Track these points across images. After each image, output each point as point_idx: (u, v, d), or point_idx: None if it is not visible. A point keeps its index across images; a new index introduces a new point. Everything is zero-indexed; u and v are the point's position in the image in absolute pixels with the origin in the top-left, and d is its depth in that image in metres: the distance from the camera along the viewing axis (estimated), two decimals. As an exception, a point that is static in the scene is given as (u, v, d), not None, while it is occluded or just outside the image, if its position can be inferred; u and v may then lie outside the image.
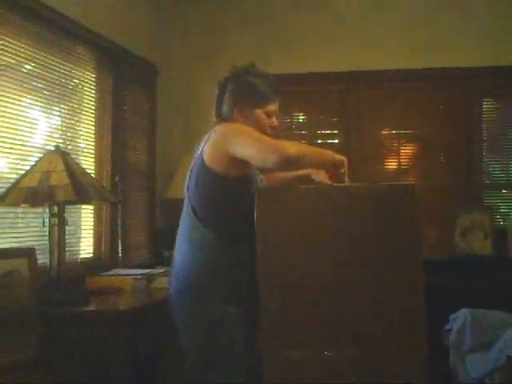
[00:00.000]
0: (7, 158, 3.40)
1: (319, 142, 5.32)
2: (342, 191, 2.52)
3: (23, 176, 3.21)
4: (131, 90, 4.67)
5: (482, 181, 5.12)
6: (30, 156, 3.52)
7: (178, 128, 5.31)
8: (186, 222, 2.68)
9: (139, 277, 3.88)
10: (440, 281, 4.30)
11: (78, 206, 3.92)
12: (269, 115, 2.73)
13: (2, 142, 3.31)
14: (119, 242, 4.41)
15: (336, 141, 5.30)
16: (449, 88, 5.09)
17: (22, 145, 3.49)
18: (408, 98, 5.15)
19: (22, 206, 3.26)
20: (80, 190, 3.15)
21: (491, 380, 3.01)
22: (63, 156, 3.27)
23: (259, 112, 2.70)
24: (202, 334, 2.56)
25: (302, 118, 5.51)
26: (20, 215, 3.53)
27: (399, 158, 5.23)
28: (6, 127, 3.34)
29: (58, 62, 3.81)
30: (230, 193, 2.55)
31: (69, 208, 3.50)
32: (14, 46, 3.40)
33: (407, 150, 5.27)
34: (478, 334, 3.52)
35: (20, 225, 3.54)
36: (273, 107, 2.74)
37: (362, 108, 5.20)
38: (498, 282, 4.38)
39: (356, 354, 2.39)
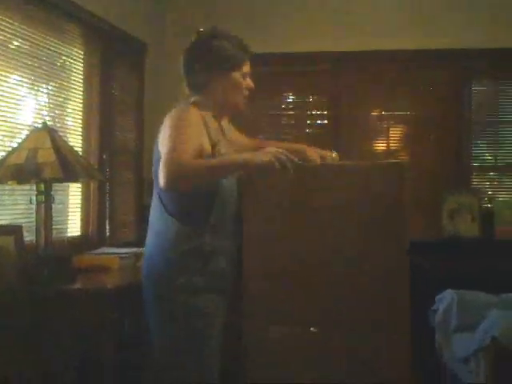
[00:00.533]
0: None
1: (308, 122, 5.32)
2: (328, 169, 2.52)
3: (10, 153, 3.18)
4: (120, 67, 4.63)
5: (470, 163, 5.13)
6: (18, 134, 3.49)
7: (167, 107, 5.27)
8: (153, 208, 2.57)
9: (126, 255, 3.87)
10: (427, 262, 4.33)
11: (66, 184, 3.90)
12: (244, 77, 2.59)
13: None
14: (107, 220, 4.40)
15: (325, 121, 5.30)
16: (438, 69, 5.10)
17: (9, 122, 3.46)
18: (397, 79, 5.15)
19: (9, 183, 3.23)
20: (67, 167, 3.12)
21: (476, 360, 3.04)
22: (50, 133, 3.24)
23: (236, 75, 2.55)
24: (162, 322, 2.49)
25: (291, 97, 5.49)
26: (7, 192, 3.50)
27: (388, 140, 5.24)
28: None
29: (45, 38, 3.77)
30: None
31: (56, 186, 3.48)
32: (1, 23, 3.36)
33: (396, 132, 5.27)
34: (463, 314, 3.54)
35: (7, 202, 3.52)
36: (246, 68, 2.59)
37: (352, 88, 5.19)
38: (484, 264, 4.41)
39: (341, 333, 2.40)
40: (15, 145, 3.29)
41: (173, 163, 2.24)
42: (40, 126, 3.34)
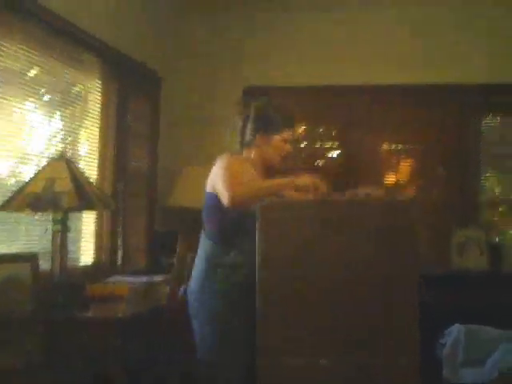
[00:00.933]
0: (7, 161, 3.45)
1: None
2: (343, 205, 2.59)
3: (28, 182, 3.26)
4: (135, 98, 4.74)
5: (478, 197, 5.18)
6: (31, 161, 3.57)
7: (181, 137, 5.38)
8: (200, 242, 3.08)
9: (139, 285, 3.93)
10: (436, 296, 4.36)
11: (80, 212, 3.97)
12: (284, 141, 3.10)
13: (3, 145, 3.36)
14: (119, 248, 4.46)
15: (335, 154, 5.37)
16: (447, 104, 5.16)
17: (22, 150, 3.55)
18: (408, 113, 5.21)
19: (26, 211, 3.30)
20: (84, 197, 3.20)
21: (483, 394, 3.08)
22: (68, 163, 3.32)
23: (277, 138, 3.09)
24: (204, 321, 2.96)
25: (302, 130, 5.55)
26: (23, 220, 3.57)
27: (397, 173, 5.29)
28: (8, 131, 3.40)
29: (63, 68, 3.87)
30: (221, 210, 2.89)
31: (70, 214, 3.55)
32: (21, 51, 3.45)
33: (405, 165, 5.33)
34: (471, 348, 3.57)
35: (22, 230, 3.59)
36: (287, 134, 3.11)
37: (362, 122, 5.26)
38: (492, 298, 4.44)
39: (352, 361, 2.45)
40: (28, 173, 3.36)
41: (236, 184, 2.82)
42: (57, 155, 3.42)
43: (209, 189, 3.02)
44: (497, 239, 5.07)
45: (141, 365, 3.68)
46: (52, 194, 3.16)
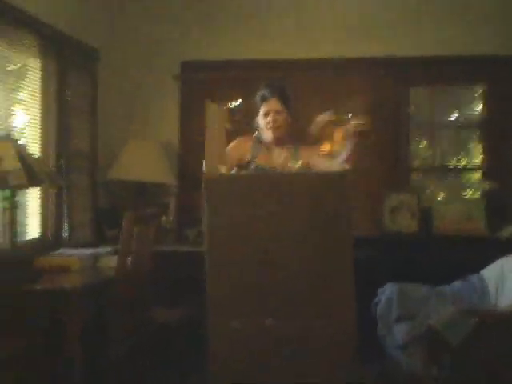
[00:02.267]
0: None
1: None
2: (279, 178, 2.77)
3: (-26, 162, 3.32)
4: (74, 74, 4.78)
5: (410, 163, 5.43)
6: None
7: (120, 112, 5.45)
8: None
9: (86, 256, 4.04)
10: (370, 257, 4.60)
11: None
12: (266, 114, 3.39)
13: None
14: (65, 222, 4.55)
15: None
16: (378, 76, 5.34)
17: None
18: (341, 83, 5.38)
19: (-27, 189, 3.37)
20: (31, 174, 3.29)
21: (414, 347, 3.29)
22: (14, 142, 3.40)
23: (260, 114, 3.42)
24: None
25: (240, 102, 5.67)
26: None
27: (332, 143, 5.45)
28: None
29: (1, 47, 3.90)
30: None
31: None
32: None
33: (339, 135, 5.49)
34: (403, 305, 3.79)
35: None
36: (267, 107, 3.41)
37: (297, 94, 5.38)
38: (422, 258, 4.69)
39: (293, 321, 2.65)
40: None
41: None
42: (3, 135, 3.49)
43: None
44: (426, 204, 5.30)
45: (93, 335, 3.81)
46: (0, 173, 3.23)
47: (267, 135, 3.49)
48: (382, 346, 3.90)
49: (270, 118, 3.43)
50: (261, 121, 3.49)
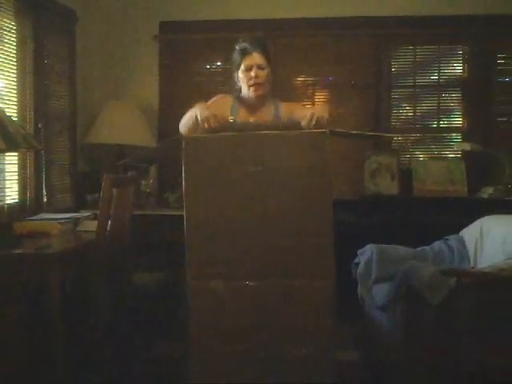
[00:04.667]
0: None
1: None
2: (258, 138, 2.75)
3: (-51, 125, 3.27)
4: (51, 36, 4.71)
5: (390, 124, 5.43)
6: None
7: (99, 74, 5.40)
8: None
9: (65, 220, 4.02)
10: (350, 219, 4.63)
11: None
12: (247, 69, 3.19)
13: None
14: (43, 187, 4.51)
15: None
16: (360, 36, 5.32)
17: None
18: (320, 46, 5.36)
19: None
20: (8, 138, 3.24)
21: (393, 307, 3.33)
22: (-10, 105, 3.34)
23: (241, 69, 3.22)
24: None
25: (218, 64, 5.61)
26: None
27: (313, 104, 5.45)
28: None
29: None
30: None
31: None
32: None
33: (320, 96, 5.50)
34: (382, 266, 3.83)
35: None
36: (248, 61, 3.19)
37: (277, 55, 5.36)
38: (403, 220, 4.72)
39: (274, 283, 2.67)
40: None
41: None
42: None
43: None
44: (407, 165, 5.32)
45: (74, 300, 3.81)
46: (-24, 136, 3.19)
47: (248, 92, 3.26)
48: (362, 307, 3.94)
49: (252, 74, 3.19)
50: (241, 76, 3.24)
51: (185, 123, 3.13)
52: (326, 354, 2.72)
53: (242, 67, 3.21)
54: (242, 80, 3.23)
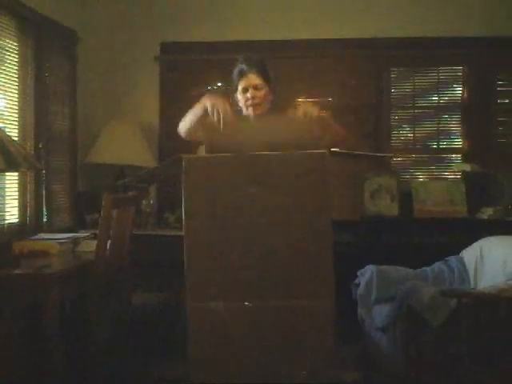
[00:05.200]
0: None
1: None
2: (259, 159, 2.75)
3: (-50, 145, 3.28)
4: (53, 57, 4.74)
5: (390, 145, 5.44)
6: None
7: (100, 94, 5.42)
8: None
9: (65, 240, 4.02)
10: (350, 239, 4.62)
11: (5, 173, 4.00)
12: (244, 90, 3.15)
13: None
14: (43, 206, 4.51)
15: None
16: (359, 57, 5.34)
17: None
18: (321, 67, 5.38)
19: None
20: (9, 158, 3.25)
21: (393, 327, 3.32)
22: (-10, 125, 3.35)
23: (238, 91, 3.18)
24: None
25: (218, 85, 5.62)
26: None
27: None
28: None
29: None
30: None
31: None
32: None
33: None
34: (383, 287, 3.82)
35: None
36: (245, 82, 3.15)
37: (276, 76, 5.38)
38: (403, 241, 4.71)
39: (273, 304, 2.66)
40: None
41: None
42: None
43: None
44: (407, 186, 5.31)
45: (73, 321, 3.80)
46: (-23, 156, 3.20)
47: (247, 113, 3.22)
48: (362, 328, 3.92)
49: (248, 95, 3.15)
50: (240, 97, 3.21)
51: (193, 112, 3.06)
52: (326, 375, 2.70)
53: (240, 89, 3.19)
54: (241, 101, 3.22)
